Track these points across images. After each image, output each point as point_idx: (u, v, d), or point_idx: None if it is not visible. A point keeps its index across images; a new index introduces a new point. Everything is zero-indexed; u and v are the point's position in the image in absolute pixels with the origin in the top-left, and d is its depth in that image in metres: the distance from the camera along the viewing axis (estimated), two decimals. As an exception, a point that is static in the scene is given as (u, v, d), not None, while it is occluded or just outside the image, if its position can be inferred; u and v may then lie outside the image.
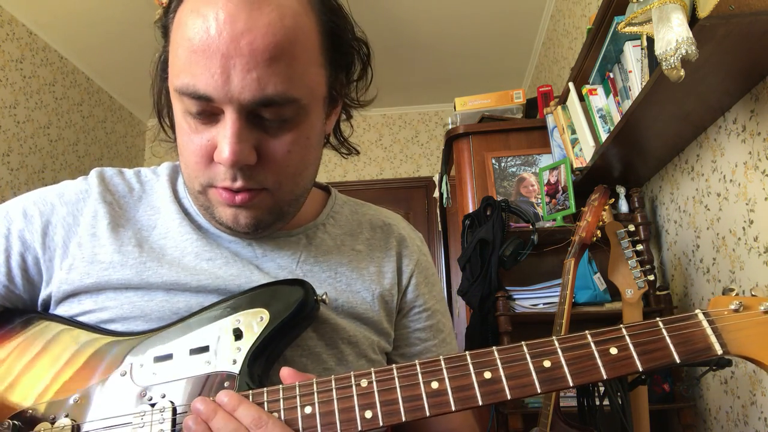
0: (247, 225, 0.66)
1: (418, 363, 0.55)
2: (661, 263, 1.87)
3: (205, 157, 0.63)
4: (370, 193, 4.10)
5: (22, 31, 3.22)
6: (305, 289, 0.64)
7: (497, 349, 0.55)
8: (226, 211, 0.66)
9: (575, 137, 1.91)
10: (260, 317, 0.62)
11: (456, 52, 3.61)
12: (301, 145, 0.65)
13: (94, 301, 0.66)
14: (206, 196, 0.66)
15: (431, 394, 0.53)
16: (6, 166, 3.08)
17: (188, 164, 0.65)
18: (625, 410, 1.29)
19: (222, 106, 0.59)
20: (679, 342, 0.53)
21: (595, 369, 0.53)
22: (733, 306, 0.53)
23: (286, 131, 0.63)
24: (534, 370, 0.53)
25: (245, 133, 0.60)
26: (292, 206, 0.70)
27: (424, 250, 0.85)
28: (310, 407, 0.54)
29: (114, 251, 0.67)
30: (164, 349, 0.62)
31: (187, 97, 0.59)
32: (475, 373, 0.54)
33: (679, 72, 1.02)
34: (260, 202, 0.65)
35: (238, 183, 0.62)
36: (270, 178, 0.64)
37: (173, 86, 0.62)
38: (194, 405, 0.54)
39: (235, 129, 0.59)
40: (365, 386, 0.54)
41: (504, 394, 0.53)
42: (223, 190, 0.64)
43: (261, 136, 0.62)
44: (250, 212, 0.65)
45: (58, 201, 0.71)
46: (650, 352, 0.53)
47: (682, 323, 0.54)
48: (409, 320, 0.79)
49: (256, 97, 0.58)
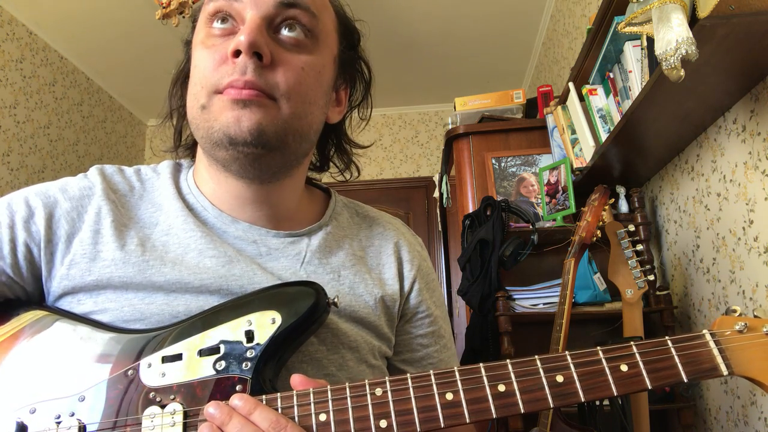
0: (249, 130, 0.63)
1: (433, 373, 0.55)
2: (661, 263, 1.87)
3: (218, 62, 0.64)
4: (370, 193, 4.10)
5: (22, 31, 3.22)
6: (317, 291, 0.63)
7: (511, 362, 0.55)
8: (229, 116, 0.63)
9: (575, 137, 1.91)
10: (272, 319, 0.61)
11: (456, 52, 3.61)
12: (314, 73, 0.69)
13: (94, 302, 0.65)
14: (209, 109, 0.65)
15: (446, 406, 0.53)
16: (6, 166, 3.08)
17: (199, 78, 0.66)
18: (625, 410, 1.29)
19: (246, 8, 0.64)
20: (687, 361, 0.54)
21: (606, 385, 0.54)
22: (737, 327, 0.55)
23: (301, 50, 0.67)
24: (547, 385, 0.54)
25: (263, 31, 0.64)
26: (295, 138, 0.68)
27: (424, 255, 0.85)
28: (325, 414, 0.54)
29: (116, 248, 0.66)
30: (173, 349, 0.60)
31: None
32: (489, 385, 0.54)
33: (679, 72, 1.02)
34: (266, 108, 0.64)
35: (248, 76, 0.62)
36: (280, 84, 0.65)
37: (204, 8, 0.68)
38: (207, 409, 0.54)
39: (255, 23, 0.63)
40: (380, 395, 0.54)
41: (517, 408, 0.53)
42: (230, 89, 0.63)
43: (276, 45, 0.65)
44: (255, 115, 0.63)
45: (62, 196, 0.69)
46: (659, 370, 0.54)
47: (689, 343, 0.55)
48: (412, 326, 0.79)
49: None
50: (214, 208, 0.73)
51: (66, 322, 0.64)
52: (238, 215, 0.73)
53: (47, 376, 0.61)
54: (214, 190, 0.73)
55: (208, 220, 0.72)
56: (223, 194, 0.73)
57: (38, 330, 0.64)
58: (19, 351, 0.62)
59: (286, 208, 0.75)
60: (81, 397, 0.59)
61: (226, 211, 0.73)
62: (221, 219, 0.72)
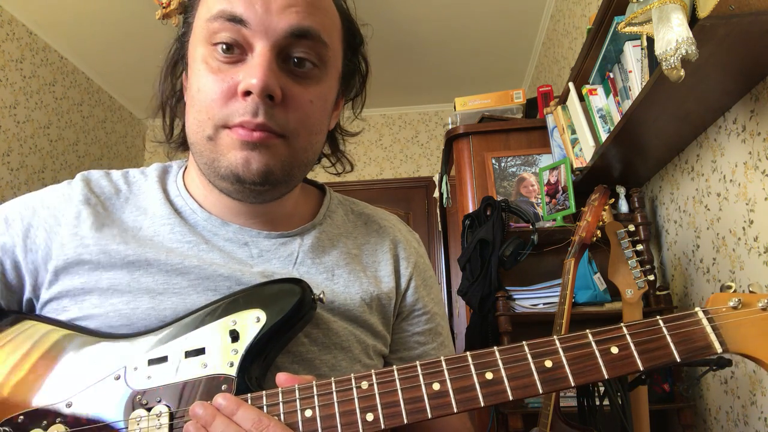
0: (258, 172, 0.62)
1: (419, 364, 0.54)
2: (661, 263, 1.87)
3: (225, 94, 0.62)
4: (370, 193, 4.10)
5: (22, 31, 3.22)
6: (302, 287, 0.62)
7: (498, 349, 0.54)
8: (237, 156, 0.62)
9: (575, 137, 1.91)
10: (257, 317, 0.60)
11: (456, 52, 3.61)
12: (321, 102, 0.67)
13: (79, 308, 0.64)
14: (216, 142, 0.63)
15: (432, 396, 0.53)
16: (6, 166, 3.08)
17: (203, 104, 0.63)
18: (625, 410, 1.29)
19: (255, 36, 0.61)
20: (680, 341, 0.53)
21: (596, 368, 0.53)
22: (731, 303, 0.53)
23: (310, 82, 0.65)
24: (536, 371, 0.53)
25: (275, 68, 0.61)
26: (300, 168, 0.68)
27: (421, 251, 0.84)
28: (311, 410, 0.53)
29: (99, 251, 0.65)
30: (159, 352, 0.60)
31: (222, 20, 0.61)
32: (476, 373, 0.53)
33: (679, 72, 1.02)
34: (275, 148, 0.63)
35: (260, 119, 0.61)
36: (290, 123, 0.63)
37: (204, 18, 0.63)
38: (193, 409, 0.53)
39: (266, 59, 0.61)
40: (366, 388, 0.54)
41: (506, 395, 0.52)
42: (240, 128, 0.61)
43: (286, 79, 0.63)
44: (264, 157, 0.62)
45: (40, 204, 0.69)
46: (651, 351, 0.53)
47: (681, 321, 0.54)
48: (409, 324, 0.78)
49: (293, 25, 0.61)
50: (203, 211, 0.72)
51: (52, 329, 0.63)
52: (229, 219, 0.72)
53: (34, 383, 0.60)
54: (206, 197, 0.72)
55: (197, 223, 0.71)
56: (215, 202, 0.72)
57: (25, 338, 0.63)
58: (6, 359, 0.62)
59: (280, 213, 0.74)
60: (68, 403, 0.59)
61: (216, 214, 0.72)
62: (211, 222, 0.71)
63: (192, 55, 0.67)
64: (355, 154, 4.30)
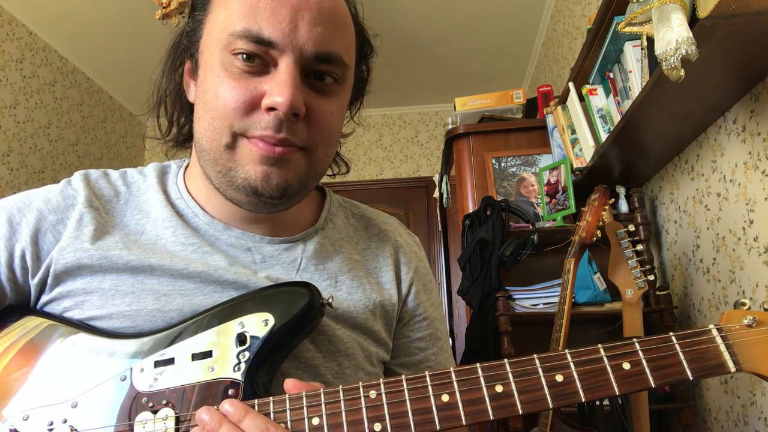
0: (278, 187, 0.62)
1: (428, 375, 0.54)
2: (661, 263, 1.87)
3: (248, 104, 0.61)
4: (370, 193, 4.10)
5: (22, 31, 3.22)
6: (311, 291, 0.61)
7: (509, 361, 0.54)
8: (257, 169, 0.62)
9: (575, 137, 1.91)
10: (264, 320, 0.59)
11: (456, 52, 3.61)
12: (339, 113, 0.68)
13: (80, 309, 0.63)
14: (234, 151, 0.62)
15: (441, 407, 0.52)
16: (6, 166, 3.08)
17: (221, 111, 0.61)
18: (625, 410, 1.29)
19: (282, 54, 0.61)
20: (693, 358, 0.52)
21: (608, 384, 0.52)
22: (746, 321, 0.52)
23: (330, 95, 0.66)
24: (546, 385, 0.52)
25: (299, 83, 0.61)
26: (314, 180, 0.68)
27: (421, 255, 0.83)
28: (318, 419, 0.52)
29: (101, 257, 0.64)
30: (165, 354, 0.59)
31: (247, 40, 0.60)
32: (486, 386, 0.53)
33: (679, 72, 1.02)
34: (295, 162, 0.63)
35: (282, 134, 0.60)
36: (312, 136, 0.64)
37: (227, 32, 0.62)
38: (199, 415, 0.53)
39: (293, 76, 0.61)
40: (374, 398, 0.53)
41: (515, 409, 0.52)
42: (260, 141, 0.61)
43: (308, 93, 0.63)
44: (283, 172, 0.62)
45: (45, 207, 0.67)
46: (663, 368, 0.52)
47: (695, 339, 0.52)
48: (409, 329, 0.78)
49: (320, 49, 0.62)
50: (205, 214, 0.71)
51: (59, 328, 0.63)
52: (231, 224, 0.71)
53: (40, 383, 0.60)
54: (209, 200, 0.71)
55: (199, 227, 0.70)
56: (219, 206, 0.71)
57: (31, 336, 0.63)
58: (12, 357, 0.62)
59: (284, 218, 0.73)
60: (74, 404, 0.58)
61: (218, 218, 0.71)
62: (213, 225, 0.70)
63: (208, 59, 0.65)
64: (355, 154, 4.31)
